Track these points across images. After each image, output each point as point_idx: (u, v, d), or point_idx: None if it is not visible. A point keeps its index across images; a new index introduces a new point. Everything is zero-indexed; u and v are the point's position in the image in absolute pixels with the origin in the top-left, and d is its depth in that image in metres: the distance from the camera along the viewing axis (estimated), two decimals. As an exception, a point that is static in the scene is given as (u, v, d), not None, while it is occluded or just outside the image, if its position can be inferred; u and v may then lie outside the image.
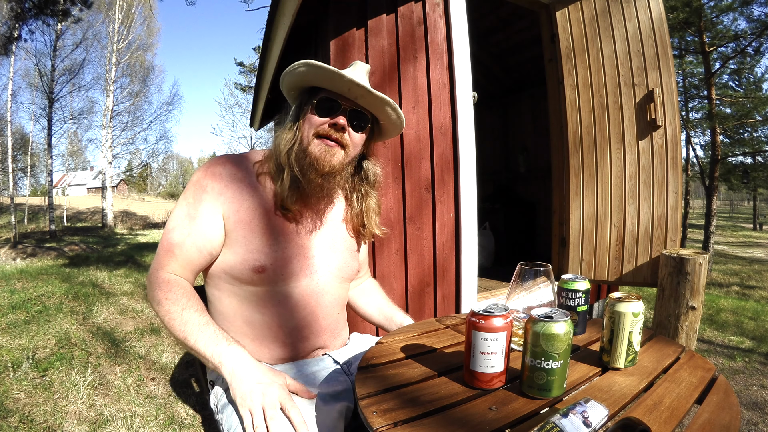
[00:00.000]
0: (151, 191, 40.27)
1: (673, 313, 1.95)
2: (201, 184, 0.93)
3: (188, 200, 0.93)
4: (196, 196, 0.93)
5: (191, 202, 0.93)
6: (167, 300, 0.87)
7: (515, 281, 0.82)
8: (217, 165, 0.95)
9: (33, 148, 18.12)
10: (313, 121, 0.94)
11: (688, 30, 8.72)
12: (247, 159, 0.99)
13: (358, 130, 0.97)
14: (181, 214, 0.93)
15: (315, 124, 0.94)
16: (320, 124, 0.94)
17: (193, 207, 0.93)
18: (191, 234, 0.92)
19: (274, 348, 0.96)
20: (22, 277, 4.14)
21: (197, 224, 0.92)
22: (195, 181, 0.95)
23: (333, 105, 0.94)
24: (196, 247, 0.92)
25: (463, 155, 2.21)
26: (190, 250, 0.92)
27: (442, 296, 2.23)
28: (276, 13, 2.45)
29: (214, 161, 0.97)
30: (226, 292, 0.96)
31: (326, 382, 0.92)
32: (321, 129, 0.94)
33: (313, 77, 0.95)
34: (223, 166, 0.95)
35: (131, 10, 16.12)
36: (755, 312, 4.17)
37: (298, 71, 0.94)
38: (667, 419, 0.61)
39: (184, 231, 0.92)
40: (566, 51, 2.43)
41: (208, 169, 0.95)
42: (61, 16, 7.46)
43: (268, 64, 3.54)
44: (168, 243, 0.92)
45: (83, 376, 2.19)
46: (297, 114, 0.98)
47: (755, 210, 23.80)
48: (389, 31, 2.04)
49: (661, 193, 2.19)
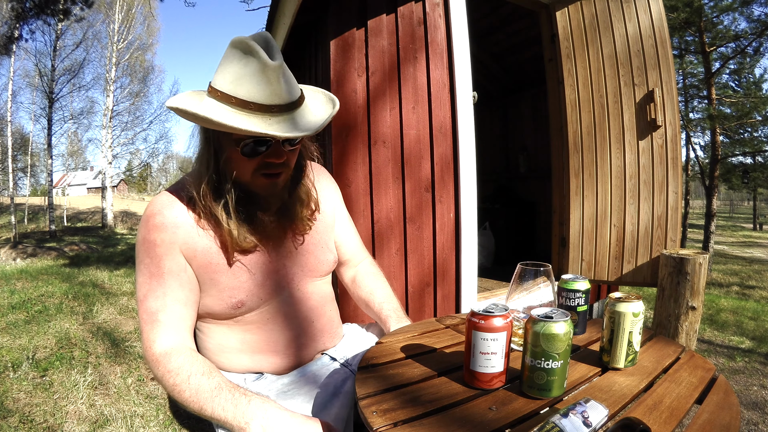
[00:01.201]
0: (151, 191, 40.28)
1: (673, 313, 1.95)
2: (149, 241, 0.84)
3: (145, 262, 0.84)
4: (151, 255, 0.84)
5: (149, 262, 0.84)
6: (170, 373, 0.79)
7: (515, 281, 0.82)
8: (155, 215, 0.84)
9: (33, 148, 18.15)
10: (244, 164, 0.82)
11: (688, 30, 8.72)
12: (180, 199, 0.87)
13: (294, 145, 0.86)
14: (145, 279, 0.84)
15: (249, 167, 0.83)
16: (256, 166, 0.83)
17: (155, 265, 0.83)
18: (167, 293, 0.83)
19: (276, 360, 0.94)
20: (22, 277, 4.14)
21: (168, 280, 0.84)
22: (141, 241, 0.85)
23: (265, 142, 0.80)
24: (179, 303, 0.85)
25: (463, 155, 2.21)
26: (174, 309, 0.84)
27: (442, 296, 2.23)
28: (276, 13, 2.46)
29: (149, 213, 0.85)
30: (213, 327, 0.94)
31: (328, 378, 0.92)
32: (257, 167, 0.83)
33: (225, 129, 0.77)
34: (161, 215, 0.84)
35: (131, 10, 16.12)
36: (755, 312, 4.17)
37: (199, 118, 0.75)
38: (667, 419, 0.61)
39: (158, 293, 0.83)
40: (566, 51, 2.43)
41: (147, 224, 0.84)
42: (62, 15, 7.46)
43: (268, 64, 3.54)
44: (147, 314, 0.83)
45: (83, 376, 2.19)
46: (214, 153, 0.83)
47: (755, 210, 23.80)
48: (389, 31, 2.04)
49: (661, 193, 2.19)
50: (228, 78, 0.76)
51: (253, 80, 0.75)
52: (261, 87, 0.75)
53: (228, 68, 0.76)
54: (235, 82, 0.75)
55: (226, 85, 0.76)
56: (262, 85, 0.75)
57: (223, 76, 0.77)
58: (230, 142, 0.81)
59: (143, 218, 0.87)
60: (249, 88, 0.75)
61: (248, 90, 0.75)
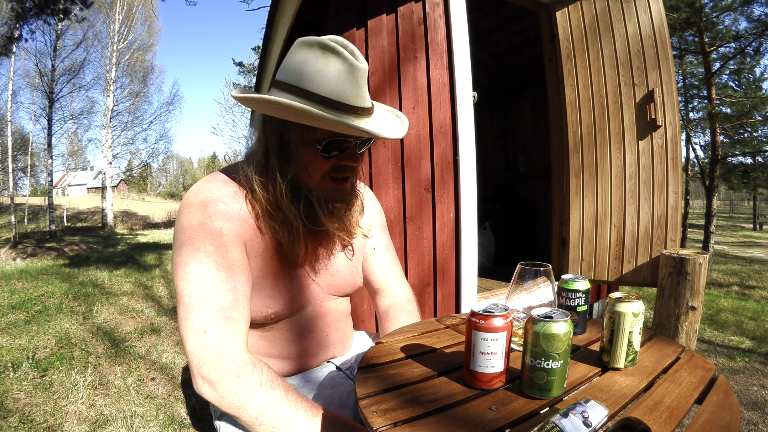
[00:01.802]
0: (151, 191, 40.29)
1: (673, 313, 1.95)
2: (211, 228, 0.75)
3: (206, 250, 0.74)
4: (216, 243, 0.74)
5: (213, 250, 0.74)
6: (262, 387, 0.70)
7: (515, 281, 0.82)
8: (215, 202, 0.77)
9: (33, 148, 18.14)
10: (318, 165, 0.78)
11: (688, 30, 8.73)
12: (241, 191, 0.81)
13: (362, 149, 0.83)
14: (208, 268, 0.73)
15: (321, 169, 0.79)
16: (329, 168, 0.79)
17: (221, 255, 0.74)
18: (237, 287, 0.75)
19: (283, 364, 0.93)
20: (22, 277, 4.14)
21: (236, 273, 0.75)
22: (198, 226, 0.75)
23: (344, 143, 0.78)
24: (247, 300, 0.77)
25: (463, 155, 2.21)
26: (245, 306, 0.75)
27: (442, 296, 2.23)
28: (276, 13, 2.46)
29: (208, 198, 0.77)
30: None
31: (332, 390, 0.92)
32: (330, 170, 0.79)
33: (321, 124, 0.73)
34: (223, 203, 0.78)
35: (132, 10, 16.13)
36: (755, 312, 4.17)
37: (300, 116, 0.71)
38: (667, 419, 0.61)
39: (229, 285, 0.73)
40: (566, 51, 2.43)
41: (206, 209, 0.76)
42: (62, 15, 7.46)
43: (268, 64, 3.54)
44: (217, 309, 0.71)
45: (83, 376, 2.19)
46: (284, 151, 0.79)
47: (755, 210, 23.82)
48: (389, 31, 2.04)
49: (661, 193, 2.19)
50: (310, 76, 0.73)
51: (340, 80, 0.73)
52: (349, 87, 0.73)
53: (308, 66, 0.73)
54: (320, 80, 0.73)
55: (307, 83, 0.73)
56: (350, 85, 0.73)
57: (302, 73, 0.73)
58: (305, 141, 0.77)
59: (196, 202, 0.77)
60: (336, 87, 0.73)
61: (335, 89, 0.73)
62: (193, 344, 0.70)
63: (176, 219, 0.80)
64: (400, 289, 1.14)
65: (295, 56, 0.76)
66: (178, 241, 0.76)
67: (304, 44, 0.75)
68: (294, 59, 0.76)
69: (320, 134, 0.76)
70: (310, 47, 0.74)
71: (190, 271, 0.73)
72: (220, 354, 0.70)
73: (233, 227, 0.77)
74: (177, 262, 0.74)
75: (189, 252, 0.74)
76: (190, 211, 0.76)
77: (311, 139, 0.76)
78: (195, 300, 0.71)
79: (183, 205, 0.79)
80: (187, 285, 0.72)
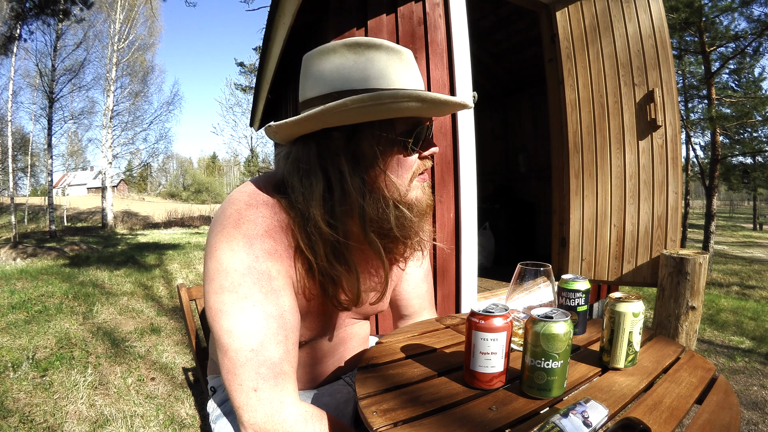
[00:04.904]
0: (151, 191, 40.30)
1: (673, 313, 1.95)
2: (258, 270, 0.65)
3: (254, 298, 0.65)
4: (265, 289, 0.65)
5: (262, 298, 0.65)
6: None
7: (515, 281, 0.82)
8: (262, 238, 0.66)
9: (33, 148, 18.12)
10: (407, 165, 0.69)
11: (688, 30, 8.72)
12: (287, 220, 0.70)
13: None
14: (257, 320, 0.64)
15: (409, 170, 0.69)
16: (416, 166, 0.70)
17: (271, 303, 0.66)
18: (288, 336, 0.67)
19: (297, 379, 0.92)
20: (22, 277, 4.14)
21: (288, 320, 0.68)
22: (246, 267, 0.65)
23: (426, 130, 0.71)
24: (296, 344, 0.70)
25: (463, 155, 2.21)
26: (294, 352, 0.69)
27: (442, 296, 2.23)
28: (276, 13, 2.46)
29: (254, 233, 0.66)
30: None
31: (329, 396, 0.91)
32: (418, 168, 0.71)
33: (415, 111, 0.65)
34: (272, 239, 0.67)
35: (133, 10, 16.13)
36: (755, 312, 4.17)
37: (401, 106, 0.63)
38: (667, 419, 0.61)
39: (280, 337, 0.66)
40: (566, 51, 2.43)
41: (252, 246, 0.65)
42: (62, 15, 7.47)
43: (268, 64, 3.55)
44: (267, 366, 0.64)
45: (83, 376, 2.19)
46: (364, 158, 0.67)
47: (755, 210, 23.81)
48: (389, 31, 2.04)
49: (661, 193, 2.19)
50: (364, 72, 0.66)
51: (400, 69, 0.67)
52: (410, 75, 0.67)
53: (360, 65, 0.66)
54: (378, 74, 0.66)
55: (363, 82, 0.66)
56: (410, 72, 0.68)
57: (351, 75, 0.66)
58: (387, 142, 0.67)
59: (238, 236, 0.65)
60: (399, 77, 0.67)
61: (401, 80, 0.67)
62: (242, 401, 0.64)
63: (209, 246, 0.67)
64: (421, 311, 1.06)
65: (326, 64, 0.67)
66: (217, 282, 0.65)
67: (327, 51, 0.67)
68: (327, 67, 0.67)
69: (401, 127, 0.67)
70: (340, 51, 0.67)
71: (236, 323, 0.64)
72: (272, 414, 0.64)
73: (283, 268, 0.68)
74: (218, 309, 0.65)
75: (233, 300, 0.64)
76: (231, 248, 0.65)
77: (393, 137, 0.67)
78: (243, 356, 0.64)
79: (219, 233, 0.66)
80: (234, 340, 0.64)
